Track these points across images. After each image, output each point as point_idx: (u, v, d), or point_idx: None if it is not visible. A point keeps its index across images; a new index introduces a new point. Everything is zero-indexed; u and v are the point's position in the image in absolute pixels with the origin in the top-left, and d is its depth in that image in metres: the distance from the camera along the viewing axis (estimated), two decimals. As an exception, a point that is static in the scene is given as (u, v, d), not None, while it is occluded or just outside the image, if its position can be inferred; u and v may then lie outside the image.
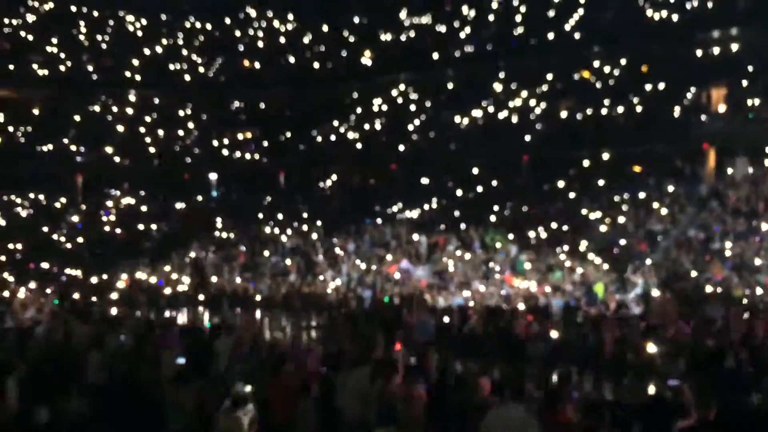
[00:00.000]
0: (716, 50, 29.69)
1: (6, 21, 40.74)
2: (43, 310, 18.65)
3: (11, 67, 39.42)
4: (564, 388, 8.79)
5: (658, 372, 10.96)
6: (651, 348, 11.80)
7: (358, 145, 37.22)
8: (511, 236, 28.29)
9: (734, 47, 29.34)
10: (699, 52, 29.97)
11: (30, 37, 40.76)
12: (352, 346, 12.31)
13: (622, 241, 25.83)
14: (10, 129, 38.18)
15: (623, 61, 31.61)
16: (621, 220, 27.05)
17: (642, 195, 28.05)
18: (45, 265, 30.70)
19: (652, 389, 10.02)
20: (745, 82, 28.55)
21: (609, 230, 26.83)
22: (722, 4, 29.77)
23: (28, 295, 25.07)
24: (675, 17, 30.55)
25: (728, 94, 28.94)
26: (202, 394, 8.68)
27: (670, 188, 27.98)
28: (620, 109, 30.51)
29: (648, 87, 30.05)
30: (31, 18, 41.68)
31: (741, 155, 28.50)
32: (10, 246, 32.28)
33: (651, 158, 30.54)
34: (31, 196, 36.71)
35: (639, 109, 29.93)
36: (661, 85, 29.74)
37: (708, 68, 29.58)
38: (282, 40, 42.22)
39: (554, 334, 13.79)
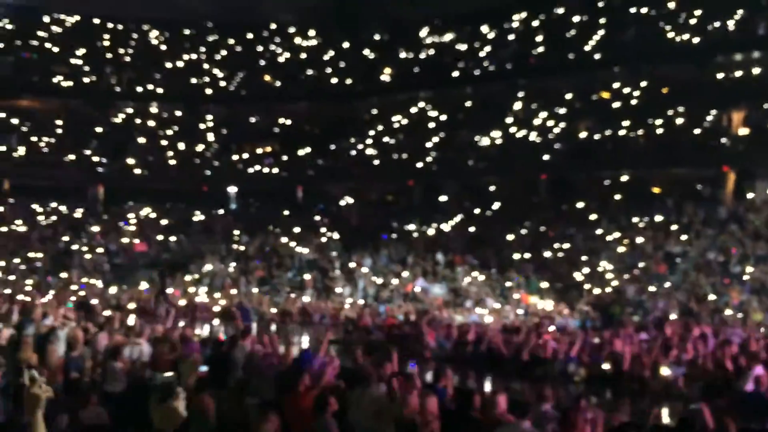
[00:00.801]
0: (737, 73, 29.62)
1: (32, 33, 41.38)
2: (59, 317, 18.78)
3: (36, 78, 40.04)
4: (580, 409, 8.76)
5: (677, 394, 10.91)
6: (665, 371, 11.76)
7: (376, 162, 37.36)
8: (528, 255, 28.29)
9: (755, 71, 29.27)
10: (720, 75, 29.91)
11: (55, 49, 41.36)
12: (367, 362, 12.33)
13: (641, 264, 25.75)
14: (34, 139, 38.69)
15: (643, 83, 31.59)
16: (639, 241, 26.97)
17: (661, 217, 27.96)
18: (64, 275, 30.93)
19: (665, 412, 9.97)
20: (766, 105, 28.45)
21: (627, 251, 26.75)
22: (744, 27, 29.74)
23: (48, 303, 25.27)
24: (696, 40, 30.52)
25: (748, 117, 28.85)
26: (222, 403, 8.74)
27: (690, 211, 27.88)
28: (640, 131, 30.47)
29: (668, 109, 30.00)
30: (56, 30, 42.30)
31: (761, 179, 28.38)
32: (31, 255, 32.60)
33: (670, 180, 30.47)
34: (53, 205, 37.09)
35: (659, 130, 29.88)
36: (681, 107, 29.69)
37: (729, 91, 29.52)
38: (303, 55, 42.55)
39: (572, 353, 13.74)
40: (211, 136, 41.29)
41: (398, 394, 8.88)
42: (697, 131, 29.05)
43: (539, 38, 35.51)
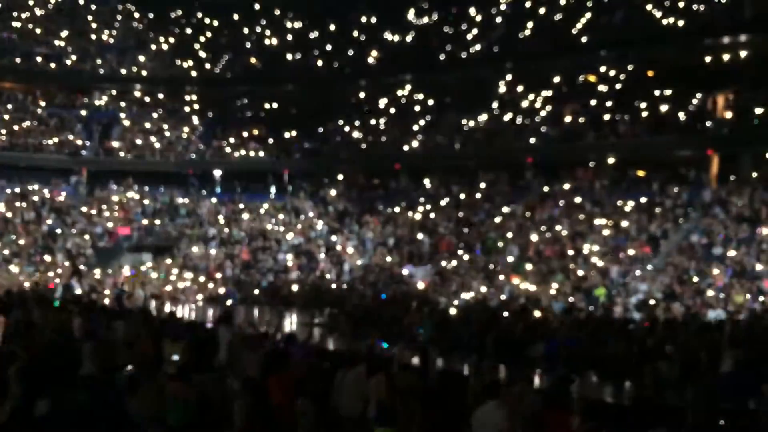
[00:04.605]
0: (724, 57, 29.63)
1: (14, 14, 40.87)
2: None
3: (18, 60, 39.58)
4: (563, 392, 8.80)
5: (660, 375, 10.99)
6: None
7: (363, 145, 37.25)
8: (510, 234, 28.36)
9: (742, 54, 29.28)
10: (707, 59, 29.92)
11: (38, 30, 40.88)
12: (351, 344, 12.36)
13: (625, 246, 25.83)
14: (16, 122, 38.30)
15: (629, 66, 31.57)
16: (624, 224, 27.06)
17: (645, 200, 28.04)
18: (48, 258, 30.76)
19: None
20: (751, 89, 28.51)
21: (612, 234, 26.84)
22: (730, 11, 29.72)
23: (34, 287, 25.23)
24: (682, 23, 30.50)
25: (733, 101, 28.89)
26: (204, 387, 8.72)
27: (674, 194, 27.97)
28: (626, 114, 30.48)
29: (653, 92, 30.02)
30: (39, 11, 41.80)
31: (745, 162, 28.50)
32: (13, 238, 32.35)
33: (655, 163, 30.52)
34: (35, 188, 36.75)
35: (644, 114, 29.91)
36: (667, 91, 29.71)
37: (714, 74, 29.52)
38: (289, 37, 42.24)
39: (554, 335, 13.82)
40: (196, 119, 41.02)
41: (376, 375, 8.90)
42: (682, 114, 29.09)
43: (526, 21, 35.37)
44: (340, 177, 38.28)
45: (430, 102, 37.19)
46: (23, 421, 8.96)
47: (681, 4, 30.90)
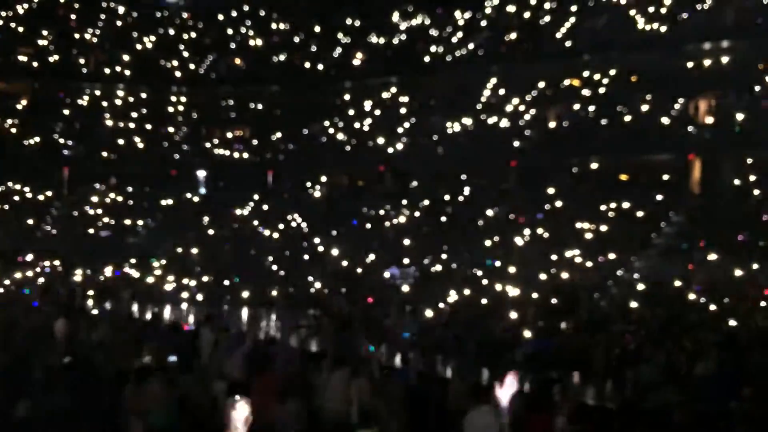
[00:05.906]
0: (706, 62, 29.93)
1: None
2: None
3: (0, 58, 39.22)
4: (546, 394, 8.85)
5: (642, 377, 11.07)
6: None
7: (347, 147, 37.22)
8: (494, 238, 28.43)
9: (724, 60, 29.58)
10: (688, 64, 30.20)
11: (20, 29, 40.54)
12: (335, 346, 12.35)
13: (608, 250, 25.95)
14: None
15: (613, 71, 31.80)
16: (606, 228, 27.19)
17: (627, 204, 28.21)
18: (29, 258, 30.49)
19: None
20: (732, 95, 28.80)
21: (594, 238, 26.97)
22: (713, 17, 30.03)
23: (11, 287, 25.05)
24: (665, 28, 30.79)
25: (716, 106, 29.17)
26: (187, 389, 8.70)
27: (657, 198, 28.17)
28: (609, 118, 30.68)
29: (636, 97, 30.24)
30: (21, 9, 41.46)
31: (726, 167, 28.77)
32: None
33: (638, 168, 30.74)
34: (17, 188, 36.42)
35: (627, 118, 30.11)
36: (650, 95, 29.93)
37: (696, 80, 29.80)
38: (274, 38, 42.17)
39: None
40: (180, 120, 40.81)
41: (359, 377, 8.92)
42: (664, 119, 29.31)
43: (511, 25, 35.53)
44: (324, 178, 38.24)
45: (415, 104, 37.22)
46: (3, 422, 8.90)
47: (663, 11, 31.21)
